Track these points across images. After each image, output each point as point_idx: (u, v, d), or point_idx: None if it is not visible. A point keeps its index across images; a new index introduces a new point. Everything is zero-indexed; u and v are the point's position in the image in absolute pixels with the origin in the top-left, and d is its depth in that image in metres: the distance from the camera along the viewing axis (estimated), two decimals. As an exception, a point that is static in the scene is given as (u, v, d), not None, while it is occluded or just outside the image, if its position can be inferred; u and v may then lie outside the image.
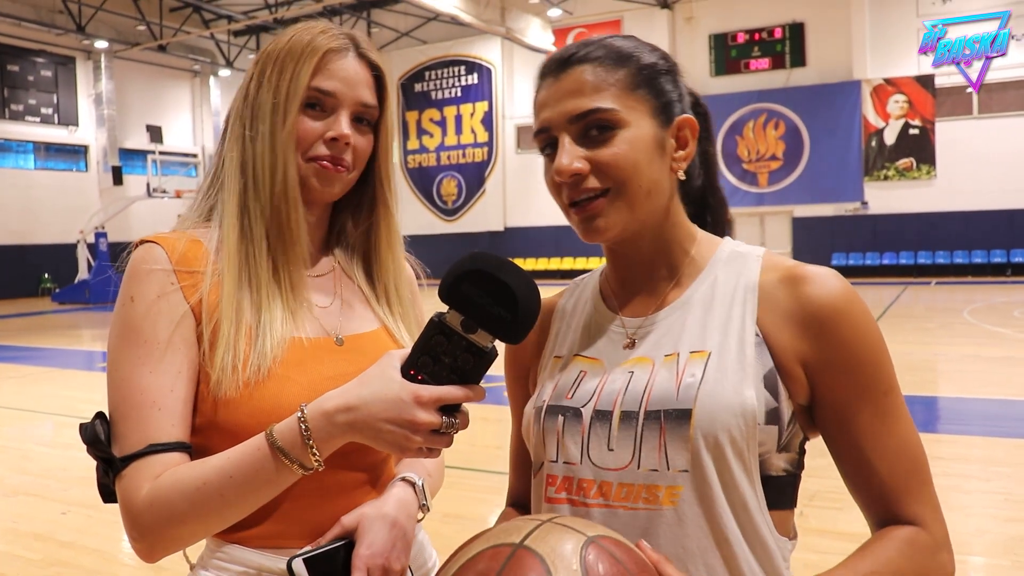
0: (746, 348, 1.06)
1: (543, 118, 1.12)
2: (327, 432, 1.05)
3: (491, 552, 0.86)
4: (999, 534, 4.29)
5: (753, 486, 1.04)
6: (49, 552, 4.45)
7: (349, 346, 1.27)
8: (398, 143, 30.11)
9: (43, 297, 25.92)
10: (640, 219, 1.11)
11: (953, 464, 5.57)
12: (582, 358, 1.18)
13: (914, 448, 1.08)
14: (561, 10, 25.22)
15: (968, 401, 7.73)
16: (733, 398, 1.02)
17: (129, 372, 1.12)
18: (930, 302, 17.42)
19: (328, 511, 1.20)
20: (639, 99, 1.09)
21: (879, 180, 23.55)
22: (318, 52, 1.21)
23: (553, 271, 27.06)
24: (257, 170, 1.22)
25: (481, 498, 5.01)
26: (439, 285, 1.03)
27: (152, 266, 1.15)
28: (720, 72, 25.19)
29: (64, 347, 13.96)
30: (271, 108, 1.21)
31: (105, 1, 25.05)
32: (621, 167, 1.07)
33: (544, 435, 1.15)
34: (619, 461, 1.07)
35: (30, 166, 26.54)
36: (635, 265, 1.19)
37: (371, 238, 1.38)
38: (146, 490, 1.07)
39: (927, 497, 1.07)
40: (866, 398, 1.06)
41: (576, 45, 1.12)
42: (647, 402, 1.06)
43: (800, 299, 1.07)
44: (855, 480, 1.08)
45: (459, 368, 1.04)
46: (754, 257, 1.15)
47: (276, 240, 1.22)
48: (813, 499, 4.67)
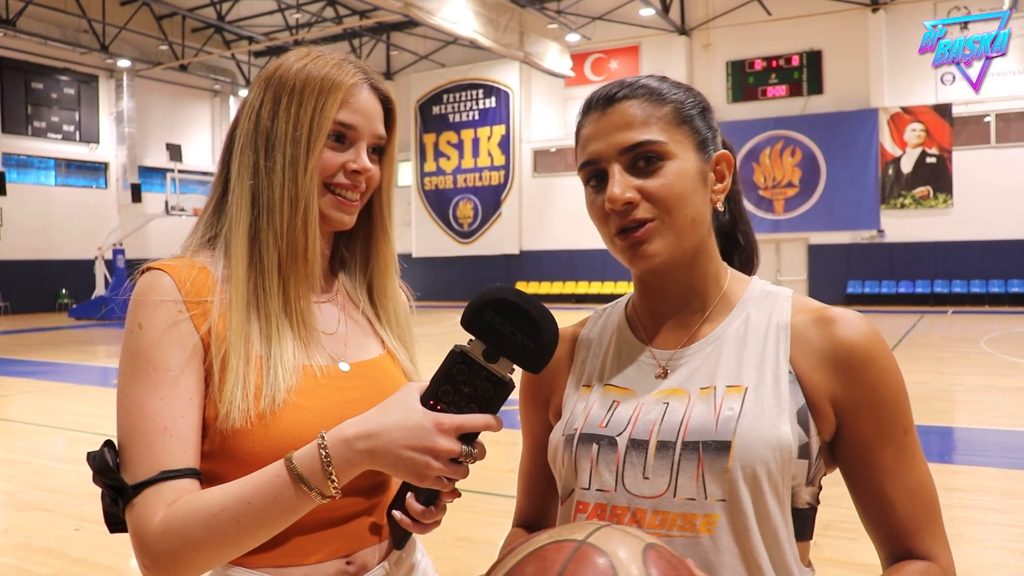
0: (781, 385, 1.10)
1: (592, 150, 1.15)
2: (346, 459, 1.05)
3: (555, 546, 0.86)
4: (1017, 567, 4.23)
5: (785, 518, 1.07)
6: (62, 568, 4.46)
7: (355, 372, 1.28)
8: (414, 165, 30.27)
9: (60, 312, 26.12)
10: (683, 247, 1.14)
11: (971, 496, 5.50)
12: (613, 387, 1.21)
13: (928, 485, 1.12)
14: (579, 35, 25.37)
15: (986, 432, 7.66)
16: (770, 432, 1.06)
17: (139, 399, 1.12)
18: (946, 331, 17.30)
19: (337, 529, 1.21)
20: (683, 134, 1.14)
21: (896, 208, 23.47)
22: (342, 87, 1.23)
23: (568, 295, 27.06)
24: (274, 200, 1.22)
25: (493, 522, 4.99)
26: (461, 314, 1.05)
27: (162, 296, 1.16)
28: (737, 99, 25.25)
29: (80, 363, 14.03)
30: (291, 139, 1.21)
31: (129, 21, 25.44)
32: (670, 197, 1.11)
33: (576, 463, 1.16)
34: (655, 489, 1.09)
35: (51, 182, 26.84)
36: (669, 296, 1.22)
37: (372, 263, 1.39)
38: (160, 517, 1.06)
39: (938, 533, 1.12)
40: (888, 436, 1.10)
41: (617, 84, 1.17)
42: (684, 433, 1.09)
43: (832, 340, 1.12)
44: (873, 515, 1.13)
45: (479, 397, 1.06)
46: (784, 297, 1.19)
47: (290, 269, 1.23)
48: (828, 529, 4.63)
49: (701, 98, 1.19)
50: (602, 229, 1.17)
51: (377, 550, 1.27)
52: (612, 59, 26.96)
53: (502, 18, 21.77)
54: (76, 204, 27.20)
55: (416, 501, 1.12)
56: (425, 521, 1.14)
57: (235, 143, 1.27)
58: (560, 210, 27.36)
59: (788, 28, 24.55)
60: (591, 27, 26.36)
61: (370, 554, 1.26)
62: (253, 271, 1.21)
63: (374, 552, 1.26)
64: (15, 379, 12.04)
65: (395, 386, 1.25)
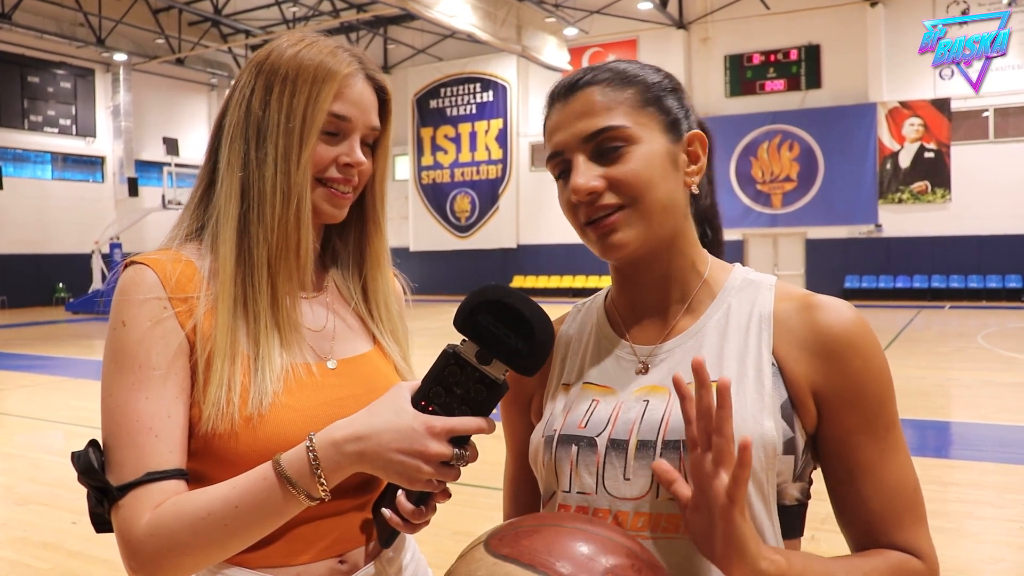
0: (764, 378, 1.06)
1: (556, 141, 1.12)
2: (335, 462, 1.04)
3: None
4: (1013, 562, 4.23)
5: (770, 516, 1.04)
6: (59, 562, 4.46)
7: (342, 370, 1.25)
8: (412, 159, 30.21)
9: (57, 306, 26.07)
10: (657, 234, 1.10)
11: (967, 490, 5.51)
12: (593, 386, 1.17)
13: (910, 484, 1.07)
14: (577, 29, 25.32)
15: (982, 427, 7.66)
16: (753, 428, 1.02)
17: (124, 399, 1.09)
18: (944, 326, 17.30)
19: (327, 528, 1.19)
20: (649, 116, 1.10)
21: (893, 203, 23.46)
22: (336, 77, 1.19)
23: (565, 289, 27.04)
24: (265, 193, 1.18)
25: (491, 516, 4.99)
26: (454, 316, 1.03)
27: (146, 293, 1.12)
28: (735, 93, 25.21)
29: (77, 357, 14.02)
30: (284, 131, 1.18)
31: (125, 14, 25.33)
32: (636, 182, 1.07)
33: (556, 465, 1.13)
34: (636, 491, 1.06)
35: (47, 176, 26.77)
36: (647, 287, 1.17)
37: (364, 255, 1.36)
38: (146, 519, 1.05)
39: (922, 533, 1.07)
40: (869, 432, 1.06)
41: (582, 71, 1.14)
42: (664, 432, 1.06)
43: (814, 327, 1.07)
44: (847, 510, 1.09)
45: (471, 399, 1.04)
46: (767, 286, 1.15)
47: (281, 264, 1.19)
48: (824, 523, 4.61)
49: (670, 78, 1.15)
50: (572, 221, 1.14)
51: (368, 548, 1.25)
52: (610, 53, 26.88)
53: (500, 12, 21.71)
54: (73, 198, 27.13)
55: (407, 500, 1.10)
56: (415, 521, 1.12)
57: (224, 132, 1.23)
58: (557, 204, 27.14)
59: (786, 22, 24.50)
60: (589, 21, 26.30)
61: (361, 553, 1.24)
62: (241, 266, 1.18)
63: (365, 551, 1.24)
64: (12, 373, 12.02)
65: (385, 382, 1.23)
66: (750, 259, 24.30)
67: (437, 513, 1.17)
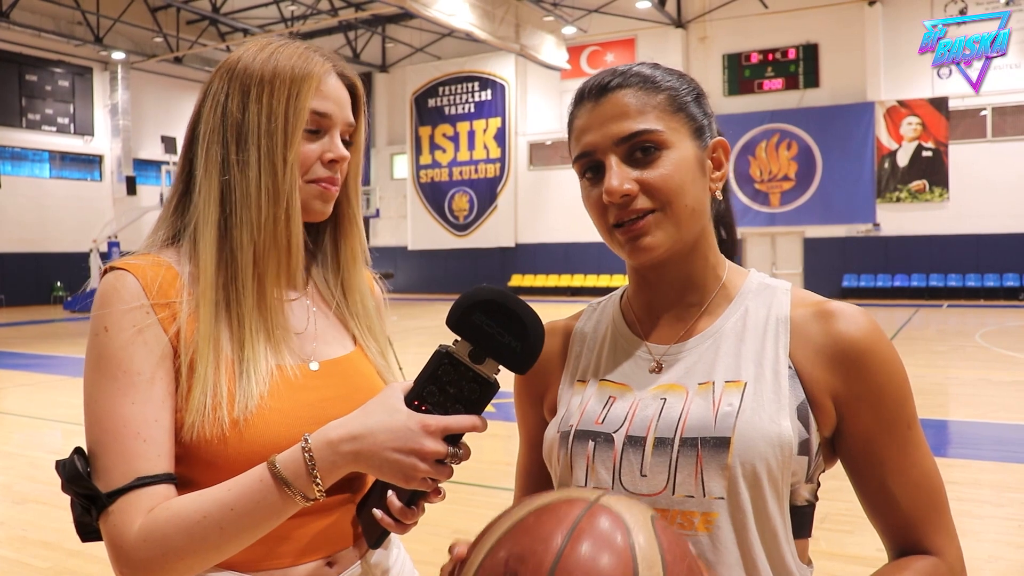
0: (780, 380, 1.08)
1: (587, 142, 1.12)
2: (331, 462, 1.04)
3: (566, 503, 0.85)
4: (1012, 560, 4.24)
5: (783, 515, 1.06)
6: (57, 560, 4.45)
7: (325, 371, 1.24)
8: (410, 158, 30.22)
9: (55, 305, 26.07)
10: (684, 239, 1.12)
11: (965, 489, 5.52)
12: (609, 383, 1.18)
13: (934, 479, 1.10)
14: (575, 28, 25.32)
15: (980, 425, 7.68)
16: (770, 428, 1.04)
17: (110, 404, 1.08)
18: (942, 325, 17.33)
19: (313, 529, 1.19)
20: (679, 121, 1.12)
21: (891, 202, 23.49)
22: (314, 75, 1.20)
23: (563, 288, 27.07)
24: (249, 195, 1.17)
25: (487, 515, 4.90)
26: (447, 315, 1.04)
27: (128, 300, 1.11)
28: (733, 92, 25.23)
29: (75, 355, 13.98)
30: (266, 132, 1.17)
31: (123, 13, 25.31)
32: (669, 187, 1.09)
33: (572, 460, 1.14)
34: (652, 487, 1.07)
35: (45, 175, 26.76)
36: (666, 289, 1.19)
37: (341, 253, 1.35)
38: (139, 525, 1.03)
39: (945, 526, 1.09)
40: (891, 431, 1.08)
41: (610, 72, 1.14)
42: (683, 429, 1.07)
43: (832, 335, 1.09)
44: (878, 510, 1.11)
45: (464, 398, 1.05)
46: (783, 290, 1.17)
47: (269, 264, 1.19)
48: (823, 522, 4.63)
49: (695, 84, 1.17)
50: (599, 222, 1.14)
51: (355, 549, 1.25)
52: (608, 52, 26.92)
53: (498, 10, 21.72)
54: (71, 197, 27.12)
55: (398, 500, 1.10)
56: (406, 521, 1.12)
57: (198, 139, 1.22)
58: (556, 203, 27.33)
59: (784, 21, 24.53)
60: (587, 20, 26.31)
61: (347, 553, 1.24)
62: (223, 271, 1.17)
63: (352, 551, 1.24)
64: (10, 372, 12.01)
65: (367, 383, 1.24)
66: (748, 258, 24.31)
67: (434, 512, 1.17)
